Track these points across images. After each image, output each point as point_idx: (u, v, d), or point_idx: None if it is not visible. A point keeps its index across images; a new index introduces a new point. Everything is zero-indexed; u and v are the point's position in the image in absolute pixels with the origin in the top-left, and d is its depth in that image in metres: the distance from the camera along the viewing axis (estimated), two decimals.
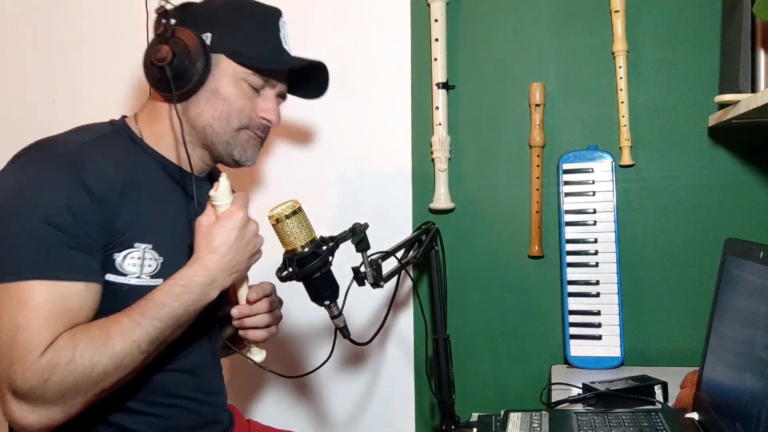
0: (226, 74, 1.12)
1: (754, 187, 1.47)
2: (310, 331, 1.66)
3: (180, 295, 1.00)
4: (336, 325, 1.10)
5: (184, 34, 1.09)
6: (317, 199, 1.62)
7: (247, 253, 1.07)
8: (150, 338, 0.98)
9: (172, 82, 1.08)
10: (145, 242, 1.07)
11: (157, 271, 1.08)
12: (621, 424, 1.11)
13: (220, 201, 1.06)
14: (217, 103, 1.12)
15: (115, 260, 1.04)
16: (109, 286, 1.03)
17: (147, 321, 0.98)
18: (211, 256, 1.03)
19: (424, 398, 1.65)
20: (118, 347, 0.96)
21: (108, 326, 0.97)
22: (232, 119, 1.13)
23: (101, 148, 1.06)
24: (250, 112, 1.15)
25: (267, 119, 1.17)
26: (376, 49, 1.61)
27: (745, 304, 0.99)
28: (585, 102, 1.55)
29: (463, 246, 1.60)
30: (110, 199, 1.02)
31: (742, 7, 1.26)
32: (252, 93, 1.15)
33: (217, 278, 1.04)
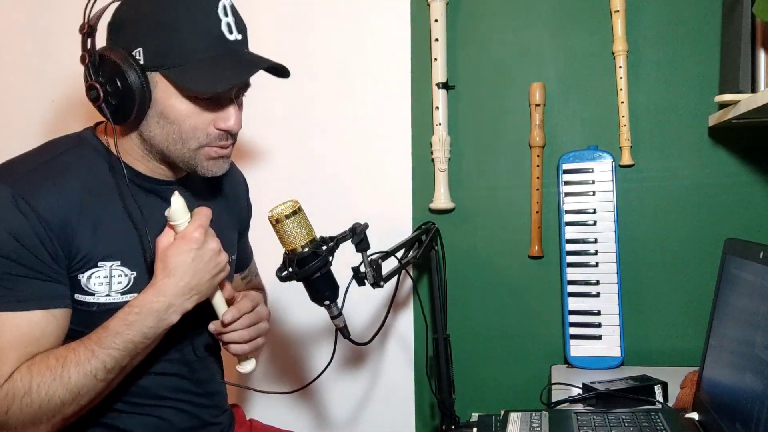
0: (168, 94, 1.01)
1: (754, 187, 1.47)
2: (310, 332, 1.66)
3: (135, 323, 0.97)
4: (336, 325, 1.10)
5: (112, 57, 0.99)
6: (317, 199, 1.62)
7: (208, 274, 1.01)
8: (106, 367, 0.96)
9: (111, 118, 1.01)
10: (111, 260, 1.04)
11: (130, 287, 1.05)
12: (621, 424, 1.11)
13: (176, 220, 1.00)
14: (167, 126, 1.03)
15: (80, 281, 1.02)
16: (78, 306, 1.02)
17: (102, 350, 0.96)
18: (165, 281, 0.98)
19: (424, 398, 1.65)
20: (73, 378, 0.95)
21: (65, 356, 0.96)
22: (186, 140, 1.04)
23: (55, 171, 1.02)
24: (205, 127, 1.04)
25: (224, 130, 1.05)
26: (376, 49, 1.61)
27: (745, 304, 0.99)
28: (585, 102, 1.55)
29: (463, 246, 1.60)
30: (65, 223, 0.99)
31: (742, 7, 1.26)
32: (203, 105, 1.03)
33: (174, 303, 0.99)
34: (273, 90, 1.48)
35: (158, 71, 1.00)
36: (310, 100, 1.64)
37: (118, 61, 0.99)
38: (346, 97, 1.62)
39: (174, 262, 0.99)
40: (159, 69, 1.00)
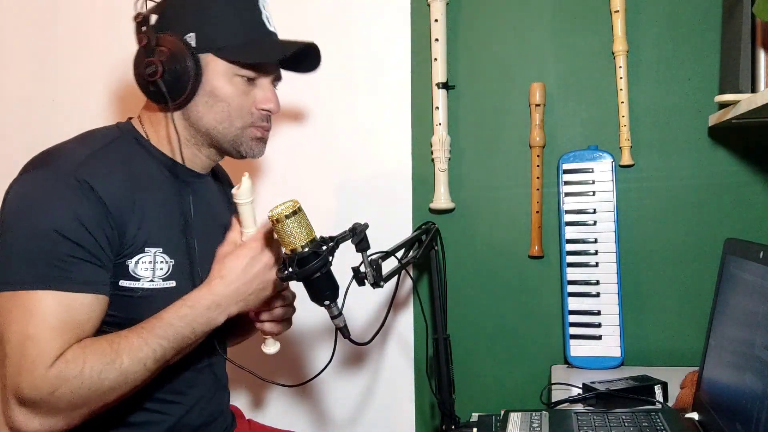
0: (218, 74, 1.10)
1: (754, 187, 1.47)
2: (311, 332, 1.66)
3: (186, 317, 1.02)
4: (336, 325, 1.10)
5: (167, 41, 1.07)
6: (317, 199, 1.62)
7: (256, 284, 1.08)
8: (156, 357, 0.99)
9: (167, 95, 1.07)
10: (156, 246, 1.07)
11: (169, 274, 1.08)
12: (621, 424, 1.11)
13: (243, 199, 1.09)
14: (216, 105, 1.11)
15: (128, 266, 1.04)
16: (123, 292, 1.04)
17: (154, 339, 0.99)
18: (218, 281, 1.05)
19: (424, 398, 1.65)
20: (126, 363, 0.97)
21: (118, 342, 0.98)
22: (234, 119, 1.12)
23: (108, 157, 1.06)
24: (249, 107, 1.13)
25: (266, 109, 1.15)
26: (376, 49, 1.61)
27: (745, 304, 0.99)
28: (585, 102, 1.55)
29: (463, 246, 1.60)
30: (121, 208, 1.03)
31: (742, 7, 1.26)
32: (247, 86, 1.12)
33: (222, 303, 1.05)
34: None
35: (210, 52, 1.09)
36: (310, 100, 1.64)
37: (176, 42, 1.07)
38: (346, 97, 1.62)
39: (229, 266, 1.06)
40: (210, 50, 1.09)
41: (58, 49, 1.74)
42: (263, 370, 1.24)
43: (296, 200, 1.04)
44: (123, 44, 1.67)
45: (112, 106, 1.72)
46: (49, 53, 1.74)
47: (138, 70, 1.09)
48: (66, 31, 1.74)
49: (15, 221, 0.99)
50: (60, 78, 1.74)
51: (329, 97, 1.63)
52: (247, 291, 1.07)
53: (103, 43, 1.72)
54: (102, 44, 1.72)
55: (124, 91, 1.70)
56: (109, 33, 1.71)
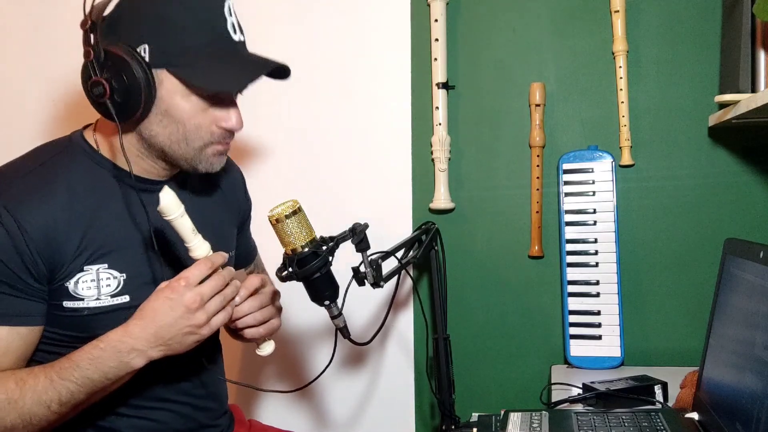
0: (173, 92, 1.00)
1: (754, 187, 1.47)
2: (311, 332, 1.66)
3: (97, 359, 0.94)
4: (336, 325, 1.10)
5: (116, 56, 0.96)
6: (317, 199, 1.62)
7: (176, 328, 0.95)
8: (61, 400, 0.94)
9: (116, 116, 0.98)
10: (98, 263, 1.02)
11: (119, 289, 1.04)
12: (621, 424, 1.11)
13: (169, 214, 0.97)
14: (170, 125, 1.01)
15: (68, 287, 1.01)
16: (70, 312, 1.01)
17: (60, 381, 0.94)
18: (135, 322, 0.96)
19: (424, 398, 1.65)
20: (27, 405, 0.94)
21: (25, 380, 0.95)
22: (190, 140, 1.03)
23: (46, 176, 1.01)
24: (208, 126, 1.03)
25: (227, 128, 1.05)
26: (376, 49, 1.61)
27: (745, 304, 0.99)
28: (585, 102, 1.55)
29: (463, 246, 1.60)
30: (52, 235, 0.98)
31: (742, 7, 1.26)
32: (205, 104, 1.02)
33: (137, 347, 0.95)
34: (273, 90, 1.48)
35: (165, 68, 0.98)
36: (310, 100, 1.64)
37: (125, 58, 0.96)
38: (346, 97, 1.62)
39: (149, 306, 0.96)
40: (166, 66, 0.98)
41: (58, 49, 1.73)
42: (263, 370, 1.24)
43: (296, 200, 1.04)
44: None
45: None
46: (49, 53, 1.74)
47: (85, 87, 0.99)
48: (66, 31, 1.74)
49: None
50: (60, 78, 1.74)
51: (329, 97, 1.63)
52: (167, 335, 0.95)
53: None
54: None
55: None
56: None
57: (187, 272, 0.97)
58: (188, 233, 0.99)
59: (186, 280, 0.96)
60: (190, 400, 1.17)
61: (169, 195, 0.96)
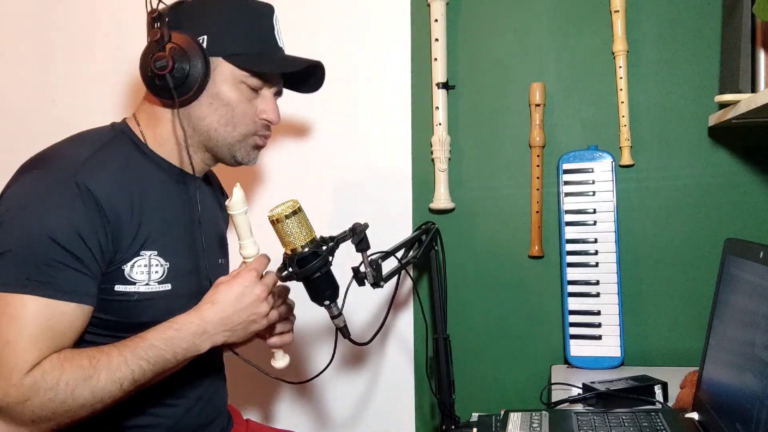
0: (225, 78, 1.10)
1: (754, 187, 1.47)
2: (311, 331, 1.66)
3: (171, 339, 0.99)
4: (336, 325, 1.10)
5: (180, 38, 1.07)
6: (317, 199, 1.62)
7: (245, 315, 1.04)
8: (134, 378, 0.97)
9: (174, 91, 1.06)
10: (150, 249, 1.06)
11: (164, 277, 1.08)
12: (621, 424, 1.11)
13: (235, 210, 1.08)
14: (220, 108, 1.11)
15: (123, 270, 1.04)
16: (120, 297, 1.04)
17: (134, 360, 0.97)
18: (208, 306, 1.03)
19: (424, 398, 1.65)
20: (102, 382, 0.95)
21: (98, 358, 0.96)
22: (237, 125, 1.12)
23: (106, 160, 1.05)
24: (252, 115, 1.14)
25: (268, 120, 1.16)
26: (376, 49, 1.61)
27: (745, 304, 0.99)
28: (585, 102, 1.55)
29: (463, 246, 1.60)
30: (119, 213, 1.02)
31: (742, 7, 1.26)
32: (251, 94, 1.13)
33: (208, 330, 1.02)
34: None
35: (220, 56, 1.09)
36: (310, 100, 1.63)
37: (188, 40, 1.07)
38: (346, 96, 1.62)
39: (221, 293, 1.04)
40: (221, 54, 1.09)
41: (58, 49, 1.74)
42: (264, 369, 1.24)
43: (296, 200, 1.04)
44: (124, 44, 1.69)
45: (112, 106, 1.71)
46: (49, 53, 1.74)
47: (146, 63, 1.08)
48: (66, 31, 1.74)
49: (9, 221, 0.97)
50: (60, 78, 1.74)
51: (329, 97, 1.63)
52: (235, 321, 1.03)
53: (104, 43, 1.72)
54: (102, 44, 1.72)
55: (125, 91, 1.70)
56: (109, 33, 1.71)
57: (254, 265, 1.07)
58: (246, 230, 1.10)
59: (257, 272, 1.06)
60: (200, 393, 1.19)
61: (241, 192, 1.08)
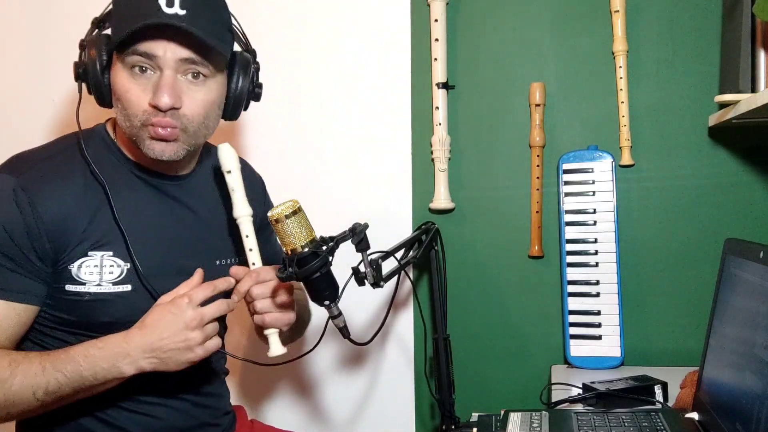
0: (116, 69, 1.04)
1: (754, 187, 1.47)
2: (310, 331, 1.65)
3: (92, 357, 0.98)
4: (336, 325, 1.10)
5: (89, 41, 1.07)
6: (317, 199, 1.62)
7: (172, 344, 0.99)
8: (48, 389, 0.96)
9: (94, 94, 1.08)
10: (104, 250, 1.05)
11: (122, 278, 1.06)
12: (621, 424, 1.11)
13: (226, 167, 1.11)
14: (118, 103, 1.05)
15: (71, 270, 1.03)
16: (71, 296, 1.03)
17: (52, 371, 0.97)
18: (135, 330, 1.00)
19: (424, 398, 1.65)
20: (15, 387, 0.95)
21: (18, 362, 0.97)
22: (129, 115, 1.04)
23: (63, 162, 1.06)
24: (140, 102, 1.02)
25: (152, 104, 1.01)
26: (376, 49, 1.61)
27: (745, 304, 0.99)
28: (585, 102, 1.55)
29: (463, 246, 1.60)
30: (61, 217, 1.02)
31: (742, 7, 1.26)
32: (143, 80, 1.02)
33: (131, 355, 0.98)
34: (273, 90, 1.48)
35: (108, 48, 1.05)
36: (310, 100, 1.64)
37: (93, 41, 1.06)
38: (346, 96, 1.62)
39: (151, 317, 1.01)
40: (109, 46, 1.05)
41: (57, 49, 1.73)
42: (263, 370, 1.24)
43: (296, 200, 1.04)
44: None
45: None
46: (49, 53, 1.74)
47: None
48: (66, 31, 1.74)
49: None
50: (60, 78, 1.74)
51: (329, 97, 1.63)
52: (162, 348, 0.99)
53: None
54: None
55: None
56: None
57: (191, 291, 1.02)
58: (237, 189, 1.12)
59: (189, 298, 1.01)
60: (192, 397, 1.18)
61: (226, 149, 1.10)
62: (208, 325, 1.02)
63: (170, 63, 1.01)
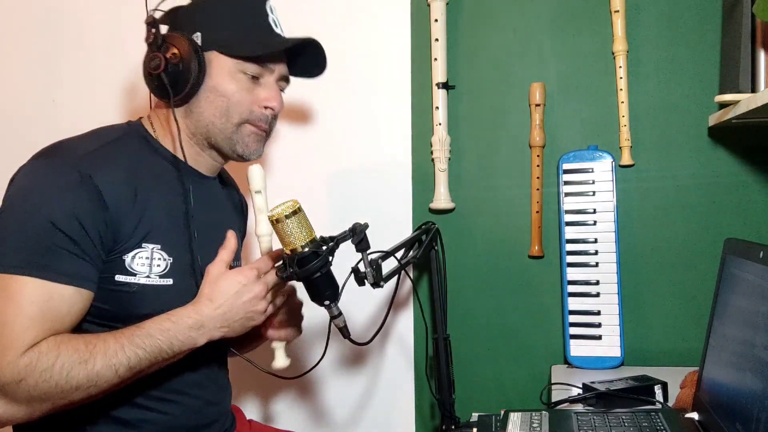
0: (222, 70, 1.12)
1: (754, 187, 1.47)
2: (311, 331, 1.65)
3: (167, 331, 1.01)
4: (336, 325, 1.10)
5: (174, 38, 1.10)
6: (317, 199, 1.62)
7: (243, 312, 1.06)
8: (129, 365, 0.98)
9: (170, 88, 1.10)
10: (153, 242, 1.08)
11: (167, 271, 1.09)
12: (621, 424, 1.11)
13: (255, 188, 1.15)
14: (217, 100, 1.12)
15: (124, 261, 1.05)
16: (119, 287, 1.05)
17: (131, 347, 0.98)
18: (206, 302, 1.04)
19: (424, 398, 1.65)
20: (97, 366, 0.96)
21: (94, 343, 0.97)
22: (231, 114, 1.13)
23: (113, 153, 1.08)
24: (249, 103, 1.14)
25: (269, 107, 1.16)
26: (376, 49, 1.61)
27: (745, 304, 0.99)
28: (585, 102, 1.55)
29: (463, 246, 1.60)
30: (120, 203, 1.03)
31: (742, 7, 1.26)
32: (251, 84, 1.14)
33: (205, 325, 1.04)
34: None
35: (214, 49, 1.12)
36: (310, 100, 1.64)
37: (180, 39, 1.10)
38: (347, 97, 1.62)
39: (219, 289, 1.05)
40: (215, 47, 1.12)
41: (58, 49, 1.74)
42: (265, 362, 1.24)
43: (296, 200, 1.04)
44: (124, 44, 1.69)
45: (112, 107, 1.72)
46: (49, 53, 1.74)
47: (145, 66, 1.12)
48: (66, 31, 1.74)
49: (13, 205, 1.00)
50: (60, 78, 1.74)
51: (329, 97, 1.63)
52: (233, 318, 1.05)
53: (104, 43, 1.72)
54: (102, 44, 1.72)
55: (125, 91, 1.70)
56: (109, 33, 1.71)
57: (258, 264, 1.09)
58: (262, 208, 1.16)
59: (258, 270, 1.08)
60: (203, 393, 1.19)
61: (257, 169, 1.14)
62: (269, 293, 1.10)
63: (278, 76, 1.18)
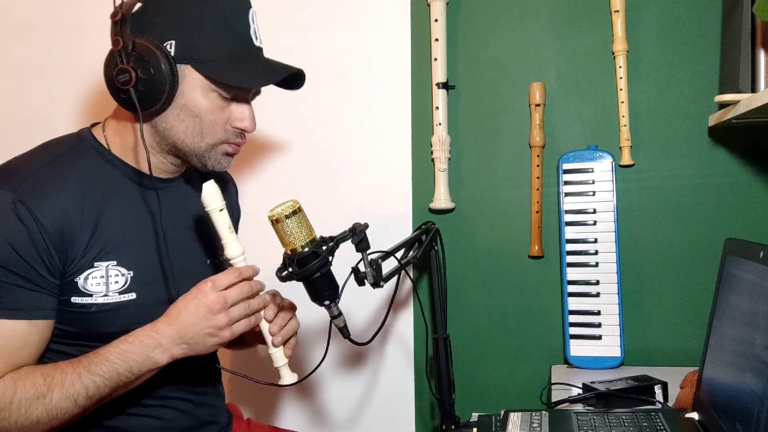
0: (194, 87, 1.03)
1: (754, 187, 1.47)
2: (310, 331, 1.66)
3: (124, 353, 0.98)
4: (336, 325, 1.10)
5: (144, 47, 1.00)
6: (317, 199, 1.62)
7: (197, 329, 0.99)
8: (88, 394, 0.97)
9: (138, 105, 1.01)
10: (108, 259, 1.04)
11: (127, 287, 1.05)
12: (621, 424, 1.11)
13: (209, 206, 1.03)
14: (187, 119, 1.05)
15: (77, 283, 1.02)
16: (77, 308, 1.02)
17: (88, 376, 0.97)
18: (164, 319, 1.00)
19: (424, 398, 1.65)
20: (55, 400, 0.95)
21: (52, 375, 0.96)
22: (205, 135, 1.06)
23: (57, 172, 1.02)
24: (223, 123, 1.07)
25: (242, 128, 1.09)
26: (376, 49, 1.61)
27: (745, 304, 0.99)
28: (585, 102, 1.55)
29: (463, 246, 1.60)
30: (64, 227, 0.99)
31: (742, 7, 1.26)
32: (223, 102, 1.06)
33: (163, 343, 0.99)
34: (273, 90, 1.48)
35: (188, 64, 1.03)
36: (311, 100, 1.64)
37: (152, 50, 1.00)
38: (347, 97, 1.62)
39: (176, 305, 1.01)
40: (190, 62, 1.02)
41: (58, 49, 1.74)
42: (263, 370, 1.24)
43: (296, 200, 1.04)
44: None
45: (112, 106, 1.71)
46: (49, 53, 1.74)
47: (109, 75, 1.03)
48: (66, 31, 1.74)
49: None
50: (60, 78, 1.74)
51: (329, 97, 1.63)
52: (189, 334, 0.99)
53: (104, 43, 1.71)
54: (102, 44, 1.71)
55: None
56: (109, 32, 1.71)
57: (215, 276, 1.02)
58: (224, 229, 1.05)
59: (213, 283, 1.01)
60: (193, 396, 1.18)
61: (213, 186, 1.03)
62: (232, 307, 1.02)
63: (252, 94, 1.11)
